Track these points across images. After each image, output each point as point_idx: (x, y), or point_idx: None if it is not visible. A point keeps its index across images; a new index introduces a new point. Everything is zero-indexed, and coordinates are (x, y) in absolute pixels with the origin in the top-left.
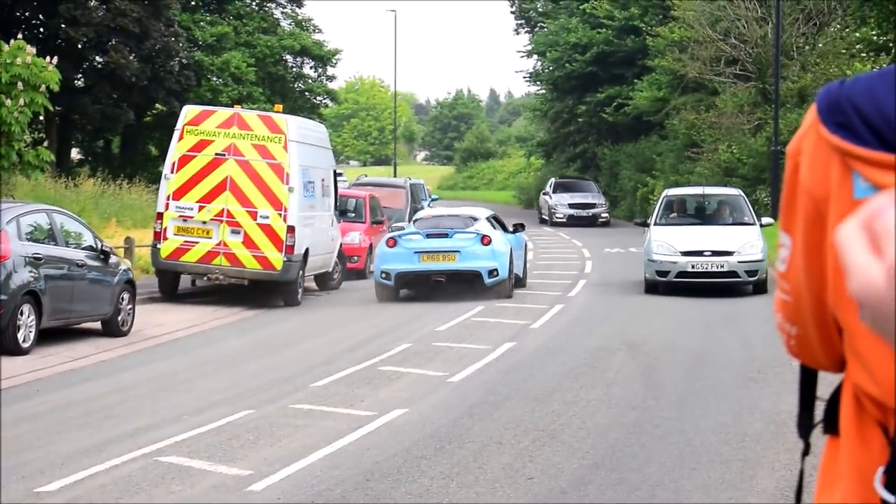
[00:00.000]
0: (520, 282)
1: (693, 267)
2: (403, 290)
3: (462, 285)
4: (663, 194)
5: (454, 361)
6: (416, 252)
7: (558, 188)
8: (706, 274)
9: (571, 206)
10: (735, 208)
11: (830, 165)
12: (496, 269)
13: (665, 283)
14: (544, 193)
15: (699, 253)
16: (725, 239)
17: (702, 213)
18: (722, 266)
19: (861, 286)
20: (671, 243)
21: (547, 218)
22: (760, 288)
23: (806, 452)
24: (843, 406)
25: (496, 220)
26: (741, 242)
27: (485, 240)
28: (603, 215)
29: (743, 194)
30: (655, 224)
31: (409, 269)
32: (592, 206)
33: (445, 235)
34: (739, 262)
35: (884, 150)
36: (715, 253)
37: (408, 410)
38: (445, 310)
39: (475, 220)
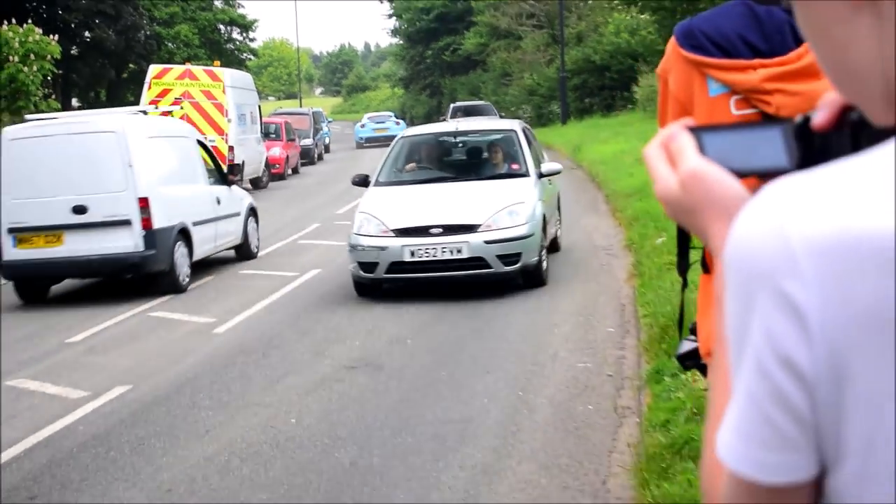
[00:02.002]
0: None
1: (413, 254)
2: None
3: None
4: (398, 136)
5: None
6: None
7: (457, 113)
8: (434, 265)
9: None
10: (507, 152)
11: (691, 76)
12: None
13: (374, 283)
14: (440, 118)
15: (422, 230)
16: (471, 204)
17: (455, 163)
18: (459, 250)
19: (662, 191)
20: (381, 216)
21: None
22: (534, 280)
23: (684, 286)
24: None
25: None
26: (496, 208)
27: None
28: None
29: (520, 129)
30: (376, 184)
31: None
32: None
33: None
34: (488, 241)
35: (726, 58)
36: (447, 229)
37: (321, 270)
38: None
39: None
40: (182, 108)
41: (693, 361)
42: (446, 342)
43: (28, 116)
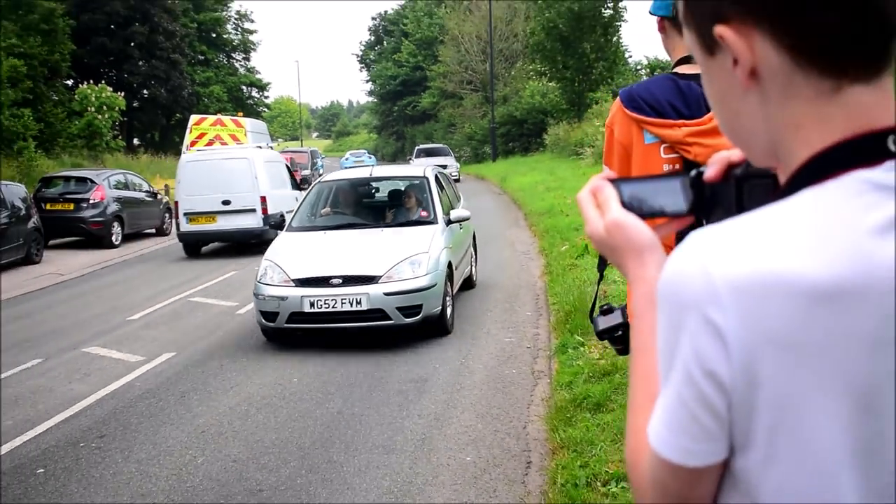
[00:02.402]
0: None
1: (312, 305)
2: None
3: None
4: (315, 181)
5: None
6: None
7: (420, 154)
8: (335, 316)
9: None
10: (418, 198)
11: (631, 128)
12: None
13: (276, 331)
14: (408, 159)
15: (323, 280)
16: (375, 254)
17: (368, 208)
18: (359, 302)
19: (592, 231)
20: (284, 265)
21: None
22: (438, 329)
23: (600, 280)
24: None
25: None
26: (398, 258)
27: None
28: (454, 174)
29: (432, 175)
30: (288, 229)
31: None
32: (445, 167)
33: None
34: (388, 293)
35: (658, 117)
36: (347, 280)
37: None
38: None
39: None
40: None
41: (610, 337)
42: None
43: (195, 149)
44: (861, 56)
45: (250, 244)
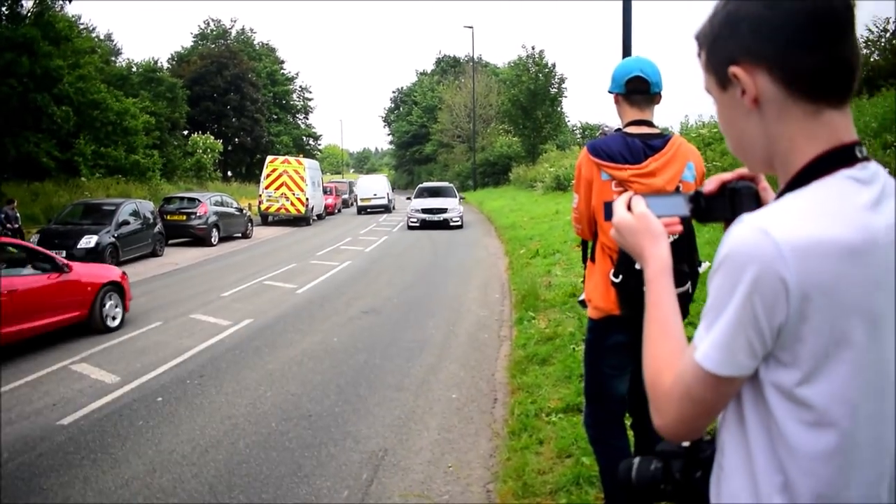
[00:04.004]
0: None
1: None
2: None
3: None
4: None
5: (367, 243)
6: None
7: (423, 193)
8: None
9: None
10: (451, 193)
11: (593, 168)
12: None
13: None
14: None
15: (428, 210)
16: (441, 204)
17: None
18: (441, 218)
19: (620, 221)
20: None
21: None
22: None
23: (585, 267)
24: (596, 250)
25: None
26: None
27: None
28: (455, 219)
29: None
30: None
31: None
32: (444, 210)
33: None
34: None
35: (611, 162)
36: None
37: (351, 262)
38: (366, 224)
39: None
40: (284, 183)
41: (585, 306)
42: (413, 300)
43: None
44: (833, 90)
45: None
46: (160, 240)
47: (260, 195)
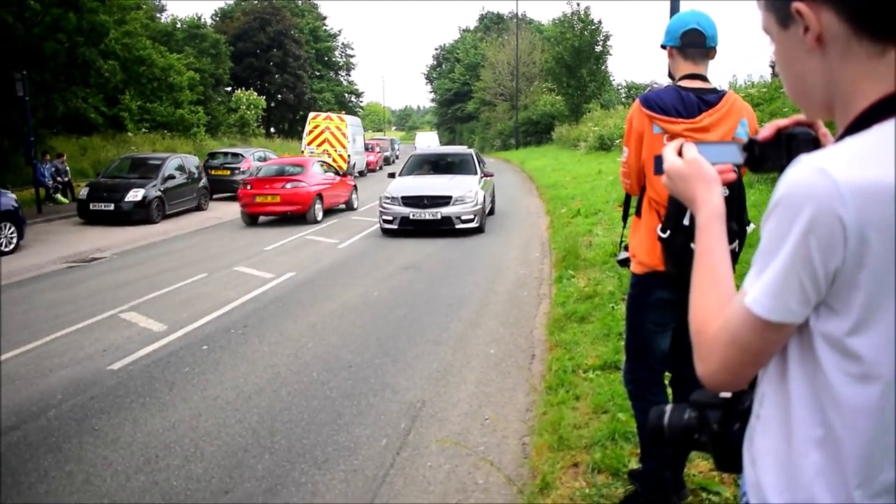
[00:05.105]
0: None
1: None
2: None
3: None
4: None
5: None
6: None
7: (419, 167)
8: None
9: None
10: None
11: (644, 121)
12: None
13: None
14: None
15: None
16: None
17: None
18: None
19: (671, 167)
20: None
21: None
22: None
23: (624, 227)
24: (643, 205)
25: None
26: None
27: None
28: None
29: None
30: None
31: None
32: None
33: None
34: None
35: (664, 115)
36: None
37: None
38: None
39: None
40: (326, 140)
41: (626, 264)
42: (452, 257)
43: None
44: None
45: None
46: (205, 194)
47: (302, 151)
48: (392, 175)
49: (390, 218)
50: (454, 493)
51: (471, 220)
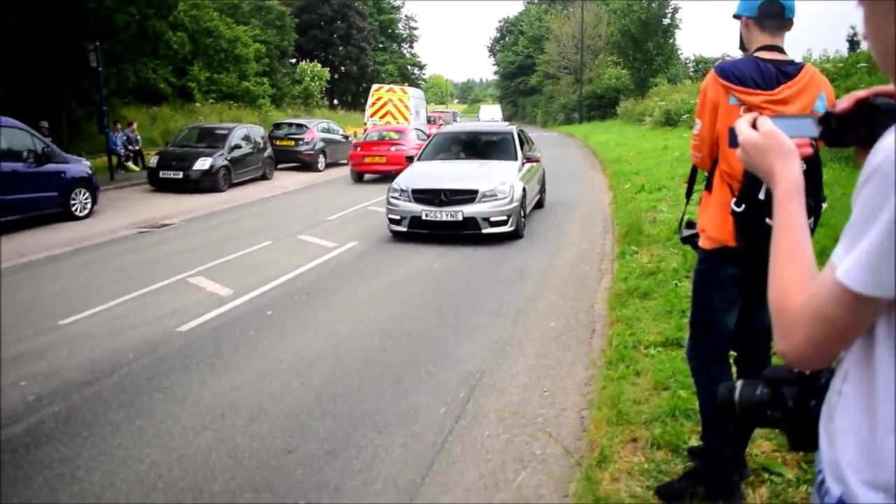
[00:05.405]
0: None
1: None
2: None
3: None
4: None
5: None
6: None
7: (445, 147)
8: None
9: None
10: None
11: (720, 92)
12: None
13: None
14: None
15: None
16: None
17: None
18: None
19: (746, 140)
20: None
21: None
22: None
23: (687, 203)
24: (714, 179)
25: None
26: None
27: None
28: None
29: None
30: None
31: None
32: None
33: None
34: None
35: (741, 86)
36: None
37: None
38: None
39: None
40: (389, 112)
41: (690, 241)
42: None
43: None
44: None
45: None
46: (270, 164)
47: (365, 123)
48: (410, 159)
49: (398, 217)
50: (511, 463)
51: (503, 223)
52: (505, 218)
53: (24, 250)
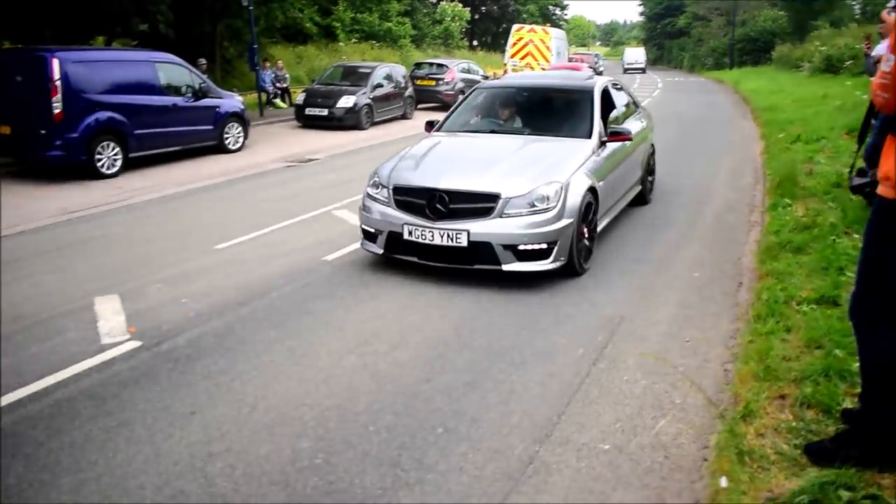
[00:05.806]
0: None
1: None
2: None
3: None
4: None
5: None
6: None
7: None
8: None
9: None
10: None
11: None
12: None
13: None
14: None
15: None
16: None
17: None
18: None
19: None
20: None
21: None
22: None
23: (858, 150)
24: None
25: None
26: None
27: None
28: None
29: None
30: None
31: None
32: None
33: None
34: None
35: None
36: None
37: None
38: None
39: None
40: (529, 53)
41: (860, 191)
42: (659, 179)
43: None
44: None
45: None
46: (410, 103)
47: (505, 64)
48: (431, 125)
49: (371, 230)
50: (650, 409)
51: (540, 255)
52: (544, 246)
53: (183, 179)
